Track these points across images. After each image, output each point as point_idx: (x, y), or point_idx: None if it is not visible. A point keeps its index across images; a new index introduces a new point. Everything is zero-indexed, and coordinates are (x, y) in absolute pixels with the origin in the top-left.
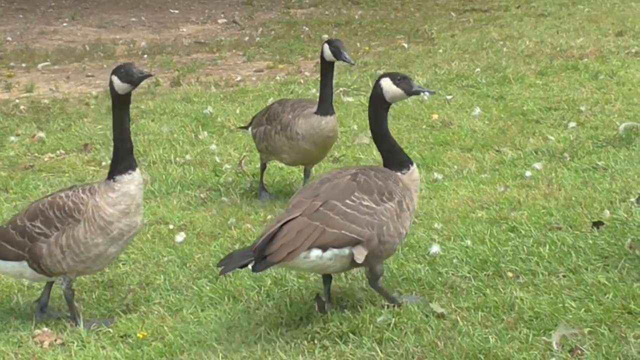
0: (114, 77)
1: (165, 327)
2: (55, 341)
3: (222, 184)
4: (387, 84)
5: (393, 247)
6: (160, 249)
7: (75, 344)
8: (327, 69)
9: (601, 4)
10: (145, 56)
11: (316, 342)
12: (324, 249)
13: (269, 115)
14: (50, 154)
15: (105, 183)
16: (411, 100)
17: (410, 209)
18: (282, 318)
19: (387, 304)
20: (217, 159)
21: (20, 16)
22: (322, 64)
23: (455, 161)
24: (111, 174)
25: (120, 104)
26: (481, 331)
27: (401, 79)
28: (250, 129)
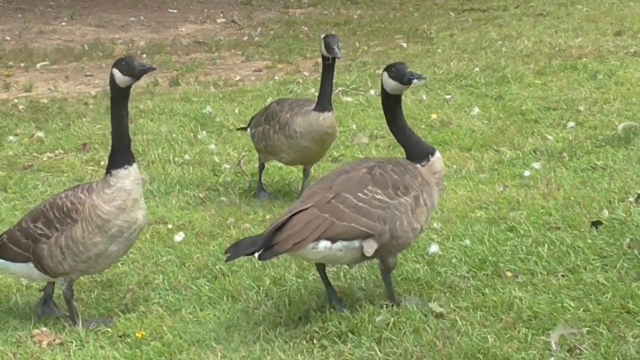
0: (115, 70)
1: (164, 327)
2: (53, 341)
3: (221, 183)
4: (385, 77)
5: (407, 242)
6: (159, 249)
7: (74, 343)
8: (327, 65)
9: (600, 3)
10: (144, 56)
11: (315, 341)
12: (333, 240)
13: (268, 115)
14: (49, 154)
15: (102, 179)
16: (410, 99)
17: (428, 204)
18: (281, 318)
19: (386, 303)
20: (216, 159)
21: (19, 15)
22: (323, 61)
23: (454, 161)
24: (108, 169)
25: (120, 98)
26: (480, 331)
27: (394, 71)
28: (249, 129)
